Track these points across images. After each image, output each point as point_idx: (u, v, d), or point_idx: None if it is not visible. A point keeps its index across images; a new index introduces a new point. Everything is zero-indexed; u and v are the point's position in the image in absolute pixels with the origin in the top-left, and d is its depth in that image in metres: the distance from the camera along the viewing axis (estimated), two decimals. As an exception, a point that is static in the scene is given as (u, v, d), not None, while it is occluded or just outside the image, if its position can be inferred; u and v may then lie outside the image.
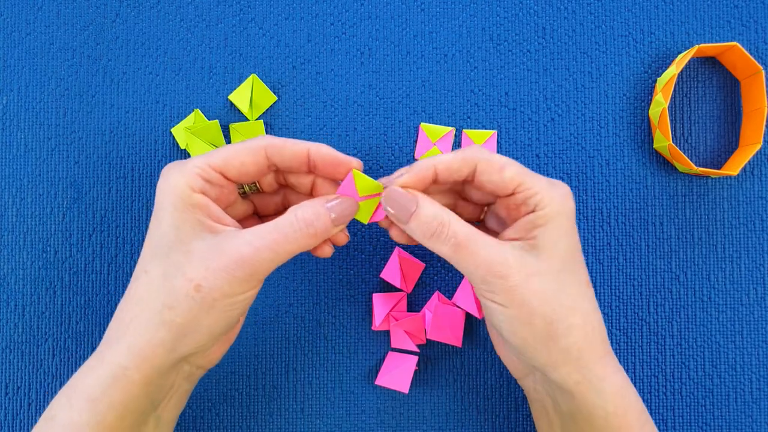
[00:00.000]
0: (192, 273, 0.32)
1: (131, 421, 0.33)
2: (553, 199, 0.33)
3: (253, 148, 0.34)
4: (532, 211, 0.34)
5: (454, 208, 0.39)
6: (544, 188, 0.34)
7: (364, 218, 0.35)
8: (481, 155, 0.34)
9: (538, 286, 0.33)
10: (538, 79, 0.45)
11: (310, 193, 0.38)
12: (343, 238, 0.37)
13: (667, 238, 0.45)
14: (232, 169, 0.34)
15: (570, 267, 0.34)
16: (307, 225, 0.33)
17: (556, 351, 0.33)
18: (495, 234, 0.37)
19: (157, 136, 0.45)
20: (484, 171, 0.34)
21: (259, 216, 0.40)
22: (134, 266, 0.45)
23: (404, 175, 0.34)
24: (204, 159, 0.33)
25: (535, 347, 0.33)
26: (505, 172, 0.33)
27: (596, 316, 0.34)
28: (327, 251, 0.36)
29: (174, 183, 0.33)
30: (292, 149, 0.34)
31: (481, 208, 0.39)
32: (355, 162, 0.35)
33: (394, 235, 0.37)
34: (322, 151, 0.34)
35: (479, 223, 0.40)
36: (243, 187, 0.37)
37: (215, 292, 0.32)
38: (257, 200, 0.39)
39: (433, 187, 0.36)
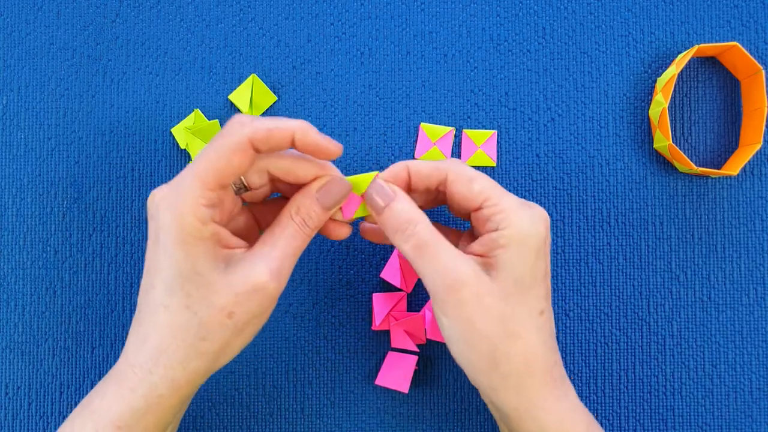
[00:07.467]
0: (222, 302, 0.32)
1: None
2: (519, 221, 0.33)
3: (240, 146, 0.32)
4: (496, 230, 0.33)
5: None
6: (511, 208, 0.33)
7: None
8: (453, 167, 0.35)
9: (487, 308, 0.32)
10: (538, 79, 0.45)
11: None
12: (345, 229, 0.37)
13: (667, 238, 0.45)
14: (228, 177, 0.32)
15: (523, 292, 0.33)
16: (303, 224, 0.35)
17: (497, 376, 0.33)
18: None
19: (157, 136, 0.45)
20: (455, 181, 0.34)
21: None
22: (134, 266, 0.45)
23: (383, 171, 0.36)
24: (199, 183, 0.31)
25: (478, 370, 0.34)
26: (474, 184, 0.34)
27: (541, 346, 0.34)
28: (342, 232, 0.37)
29: (180, 218, 0.31)
30: (278, 137, 0.33)
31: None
32: (334, 147, 0.33)
33: (364, 228, 0.39)
34: (306, 140, 0.33)
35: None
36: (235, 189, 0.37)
37: (247, 315, 0.33)
38: (257, 212, 0.38)
39: (421, 195, 0.37)
